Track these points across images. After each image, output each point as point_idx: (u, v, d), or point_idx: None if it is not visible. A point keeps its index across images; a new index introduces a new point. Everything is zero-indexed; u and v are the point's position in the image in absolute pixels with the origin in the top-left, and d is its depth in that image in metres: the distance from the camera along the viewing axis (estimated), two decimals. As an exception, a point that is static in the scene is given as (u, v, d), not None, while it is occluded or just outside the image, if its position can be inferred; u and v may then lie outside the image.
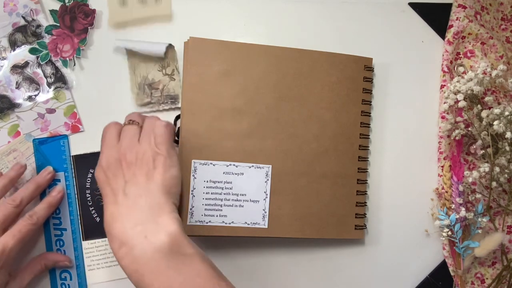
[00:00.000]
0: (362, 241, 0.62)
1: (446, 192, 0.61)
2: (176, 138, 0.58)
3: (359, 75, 0.61)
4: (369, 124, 0.62)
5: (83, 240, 0.58)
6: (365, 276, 0.61)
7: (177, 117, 0.59)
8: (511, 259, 0.59)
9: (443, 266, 0.62)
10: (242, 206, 0.57)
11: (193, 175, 0.56)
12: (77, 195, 0.58)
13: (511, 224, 0.62)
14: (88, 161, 0.58)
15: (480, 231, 0.59)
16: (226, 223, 0.56)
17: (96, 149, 0.58)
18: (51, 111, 0.59)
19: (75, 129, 0.59)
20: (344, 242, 0.61)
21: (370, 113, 0.62)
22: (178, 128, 0.58)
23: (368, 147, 0.62)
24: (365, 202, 0.61)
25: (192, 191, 0.56)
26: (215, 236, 0.57)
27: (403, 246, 0.62)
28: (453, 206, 0.60)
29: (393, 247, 0.62)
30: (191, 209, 0.56)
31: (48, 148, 0.58)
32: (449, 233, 0.59)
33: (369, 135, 0.62)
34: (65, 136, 0.59)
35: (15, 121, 0.59)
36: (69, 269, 0.58)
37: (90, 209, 0.58)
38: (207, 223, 0.56)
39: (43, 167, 0.58)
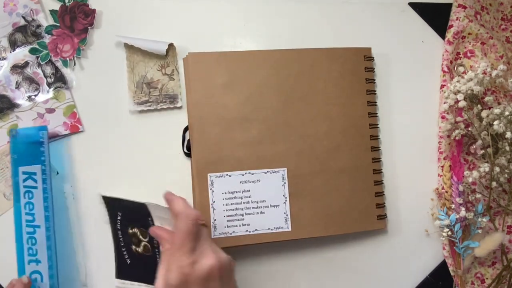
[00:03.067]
0: (360, 241, 0.61)
1: (446, 192, 0.61)
2: (187, 151, 0.58)
3: (360, 66, 0.61)
4: (377, 114, 0.62)
5: (115, 278, 0.58)
6: (364, 276, 0.61)
7: (186, 129, 0.59)
8: (511, 259, 0.59)
9: (443, 266, 0.62)
10: (264, 212, 0.57)
11: (211, 189, 0.56)
12: (112, 236, 0.58)
13: (511, 224, 0.62)
14: (116, 204, 0.57)
15: (480, 231, 0.59)
16: (250, 232, 0.56)
17: (103, 162, 0.59)
18: (50, 111, 0.59)
19: (75, 129, 0.59)
20: (343, 242, 0.61)
21: (376, 102, 0.62)
22: (188, 140, 0.58)
23: (379, 136, 0.62)
24: (383, 192, 0.61)
25: (212, 204, 0.56)
26: (240, 246, 0.57)
27: (403, 246, 0.62)
28: (453, 206, 0.60)
29: (393, 247, 0.62)
30: (213, 222, 0.56)
31: (26, 138, 0.55)
32: (449, 233, 0.59)
33: (378, 125, 0.62)
34: (44, 127, 0.56)
35: (14, 121, 0.59)
36: (40, 269, 0.55)
37: (123, 249, 0.58)
38: (231, 234, 0.56)
39: (20, 159, 0.55)
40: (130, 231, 0.57)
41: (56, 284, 0.55)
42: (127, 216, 0.57)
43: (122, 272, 0.58)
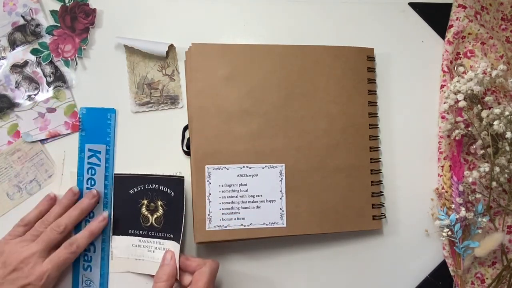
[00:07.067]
0: (360, 241, 0.61)
1: (446, 192, 0.61)
2: (187, 150, 0.58)
3: (363, 66, 0.61)
4: (377, 114, 0.62)
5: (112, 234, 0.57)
6: (364, 276, 0.61)
7: (185, 128, 0.59)
8: (511, 259, 0.59)
9: (443, 266, 0.62)
10: (259, 207, 0.57)
11: (208, 181, 0.56)
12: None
13: (511, 224, 0.62)
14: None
15: (480, 231, 0.59)
16: (245, 226, 0.56)
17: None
18: (51, 110, 0.59)
19: (75, 128, 0.59)
20: (342, 240, 0.61)
21: (376, 102, 0.62)
22: (188, 139, 0.58)
23: (378, 136, 0.62)
24: (381, 192, 0.61)
25: (208, 196, 0.56)
26: (235, 240, 0.57)
27: (403, 245, 0.62)
28: (453, 206, 0.60)
29: (393, 247, 0.62)
30: (208, 214, 0.56)
31: (94, 118, 0.59)
32: (449, 233, 0.59)
33: (378, 125, 0.62)
34: (112, 110, 0.59)
35: (14, 121, 0.59)
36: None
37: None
38: (225, 227, 0.56)
39: (87, 137, 0.58)
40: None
41: (108, 248, 0.58)
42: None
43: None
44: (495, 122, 0.57)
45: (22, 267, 0.51)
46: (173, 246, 0.55)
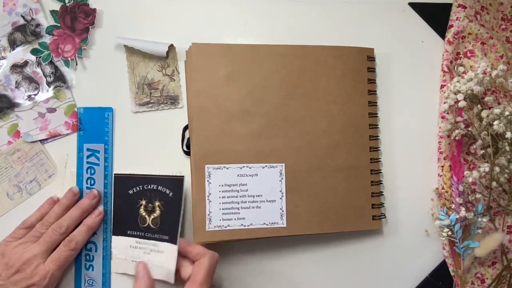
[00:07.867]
0: (360, 241, 0.61)
1: (446, 192, 0.61)
2: (187, 149, 0.58)
3: (363, 66, 0.61)
4: (377, 114, 0.62)
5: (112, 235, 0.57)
6: (364, 276, 0.61)
7: (185, 128, 0.59)
8: (511, 259, 0.59)
9: (443, 266, 0.62)
10: (259, 207, 0.57)
11: (208, 181, 0.56)
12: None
13: (511, 224, 0.62)
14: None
15: (480, 231, 0.59)
16: (245, 226, 0.56)
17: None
18: (51, 110, 0.59)
19: (76, 128, 0.59)
20: (342, 241, 0.61)
21: (376, 102, 0.62)
22: (188, 139, 0.58)
23: (378, 136, 0.62)
24: (381, 192, 0.61)
25: (208, 196, 0.56)
26: (235, 240, 0.57)
27: (403, 245, 0.62)
28: (453, 206, 0.60)
29: (393, 247, 0.62)
30: (208, 214, 0.56)
31: (91, 117, 0.59)
32: (449, 233, 0.59)
33: (378, 125, 0.62)
34: (110, 109, 0.59)
35: (14, 121, 0.59)
36: (95, 240, 0.58)
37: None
38: (225, 227, 0.56)
39: (86, 136, 0.58)
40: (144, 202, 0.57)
41: (110, 247, 0.58)
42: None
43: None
44: (495, 122, 0.57)
45: (25, 268, 0.51)
46: (168, 248, 0.55)
